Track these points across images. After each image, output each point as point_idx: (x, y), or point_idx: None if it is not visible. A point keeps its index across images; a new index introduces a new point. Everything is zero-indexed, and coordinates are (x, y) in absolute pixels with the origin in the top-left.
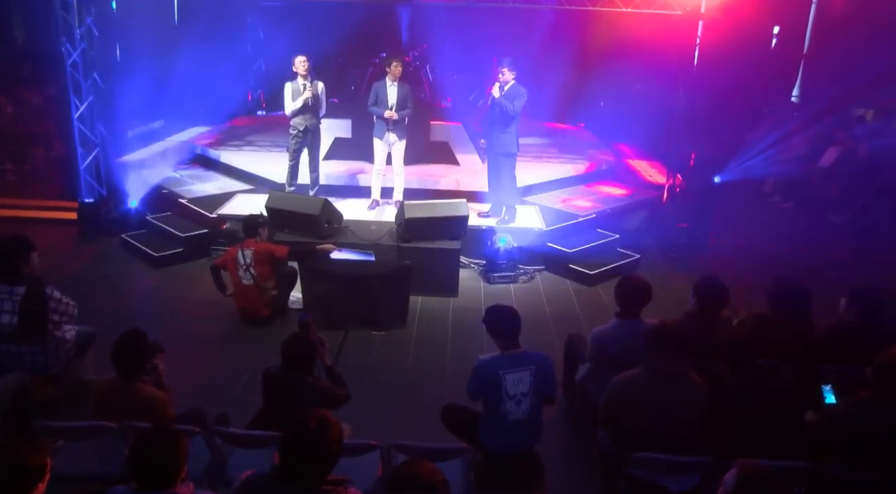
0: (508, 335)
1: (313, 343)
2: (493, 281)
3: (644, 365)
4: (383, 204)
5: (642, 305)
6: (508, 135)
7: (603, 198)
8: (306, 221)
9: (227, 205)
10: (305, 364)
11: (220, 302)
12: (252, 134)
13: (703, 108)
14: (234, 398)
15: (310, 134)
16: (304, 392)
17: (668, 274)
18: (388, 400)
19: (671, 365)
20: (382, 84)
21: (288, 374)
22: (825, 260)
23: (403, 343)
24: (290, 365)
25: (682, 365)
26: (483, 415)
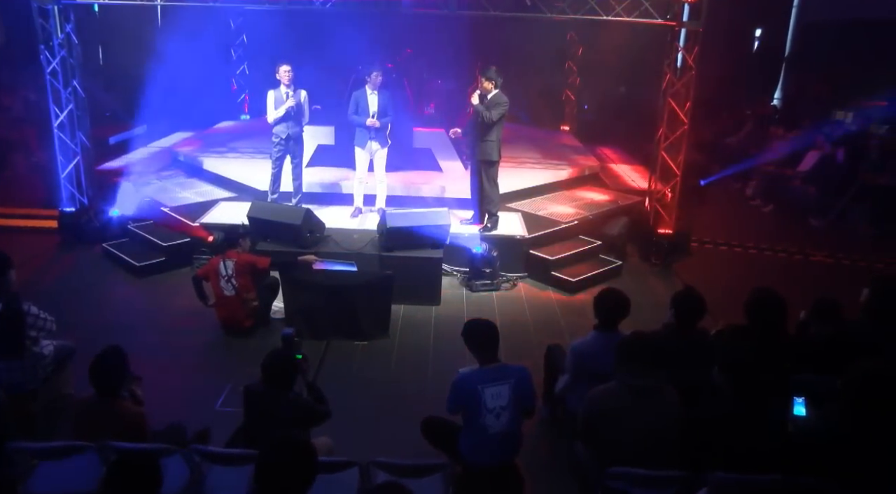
0: (487, 349)
1: (294, 358)
2: (475, 289)
3: (617, 377)
4: (366, 211)
5: (621, 318)
6: (489, 144)
7: (585, 204)
8: (288, 231)
9: (210, 214)
10: (286, 380)
11: (202, 313)
12: (235, 140)
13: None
14: (215, 411)
15: (292, 142)
16: (284, 409)
17: (650, 280)
18: (369, 411)
19: (644, 378)
20: (363, 92)
21: (268, 391)
22: (804, 265)
23: (385, 353)
24: (270, 381)
25: (655, 378)
26: (463, 429)
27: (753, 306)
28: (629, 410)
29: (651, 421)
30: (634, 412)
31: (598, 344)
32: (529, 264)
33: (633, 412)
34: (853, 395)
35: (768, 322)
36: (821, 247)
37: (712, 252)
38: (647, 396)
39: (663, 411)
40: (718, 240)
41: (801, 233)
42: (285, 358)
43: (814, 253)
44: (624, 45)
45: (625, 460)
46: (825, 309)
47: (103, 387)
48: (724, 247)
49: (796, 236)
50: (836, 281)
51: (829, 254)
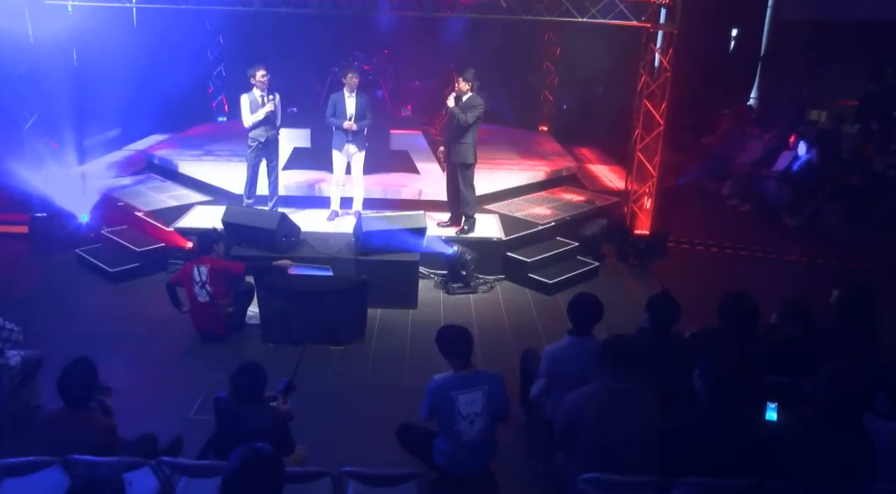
0: (460, 355)
1: (264, 371)
2: (452, 291)
3: (598, 380)
4: (343, 214)
5: (594, 323)
6: (464, 146)
7: (563, 205)
8: (263, 236)
9: (185, 218)
10: (255, 393)
11: (177, 320)
12: (211, 143)
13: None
14: (189, 418)
15: (268, 145)
16: (256, 422)
17: (627, 281)
18: (345, 417)
19: (621, 381)
20: (340, 95)
21: (238, 404)
22: (780, 264)
23: (361, 357)
24: (239, 394)
25: (632, 381)
26: (437, 436)
27: (727, 310)
28: (608, 413)
29: (629, 425)
30: (613, 415)
31: (572, 349)
32: (507, 266)
33: (611, 415)
34: (820, 398)
35: (741, 325)
36: (796, 247)
37: (689, 252)
38: (626, 399)
39: (642, 415)
40: (695, 240)
41: (776, 232)
42: (254, 370)
43: (789, 253)
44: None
45: (601, 463)
46: (795, 311)
47: (71, 399)
48: (700, 247)
49: (772, 235)
50: (810, 281)
51: (804, 254)
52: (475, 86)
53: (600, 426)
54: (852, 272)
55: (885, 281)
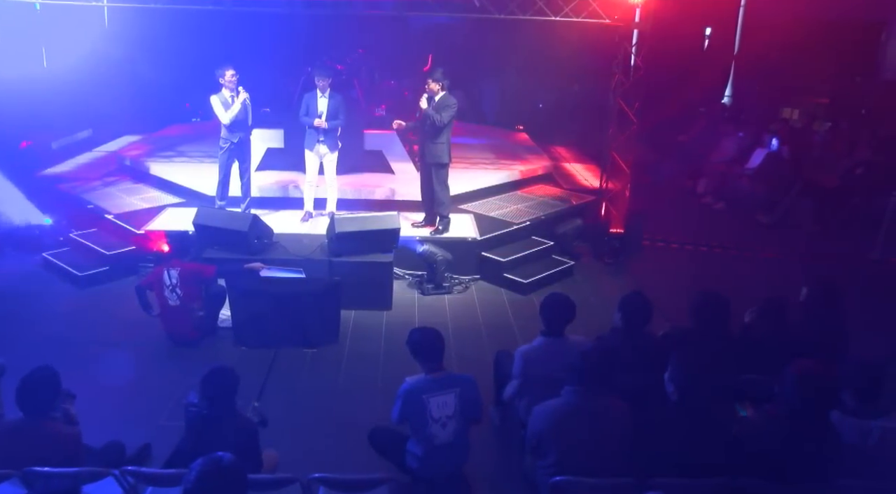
0: (432, 358)
1: (236, 376)
2: (427, 292)
3: (567, 391)
4: (317, 215)
5: (566, 323)
6: (439, 146)
7: (538, 205)
8: (235, 238)
9: (157, 220)
10: (226, 400)
11: (147, 324)
12: (184, 143)
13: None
14: (159, 425)
15: (240, 146)
16: (226, 431)
17: (602, 280)
18: (318, 421)
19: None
20: (313, 95)
21: (208, 411)
22: (753, 262)
23: (335, 360)
24: (210, 401)
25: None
26: (409, 439)
27: (698, 309)
28: (580, 425)
29: (602, 435)
30: (585, 427)
31: (545, 350)
32: (482, 266)
33: (583, 427)
34: (788, 397)
35: (713, 324)
36: (769, 244)
37: (664, 250)
38: (598, 411)
39: (614, 424)
40: (670, 237)
41: (750, 229)
42: (224, 374)
43: (762, 250)
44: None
45: (575, 471)
46: (770, 310)
47: (31, 408)
48: (675, 245)
49: (746, 233)
50: (783, 278)
51: (777, 251)
52: (445, 85)
53: (575, 436)
54: (823, 269)
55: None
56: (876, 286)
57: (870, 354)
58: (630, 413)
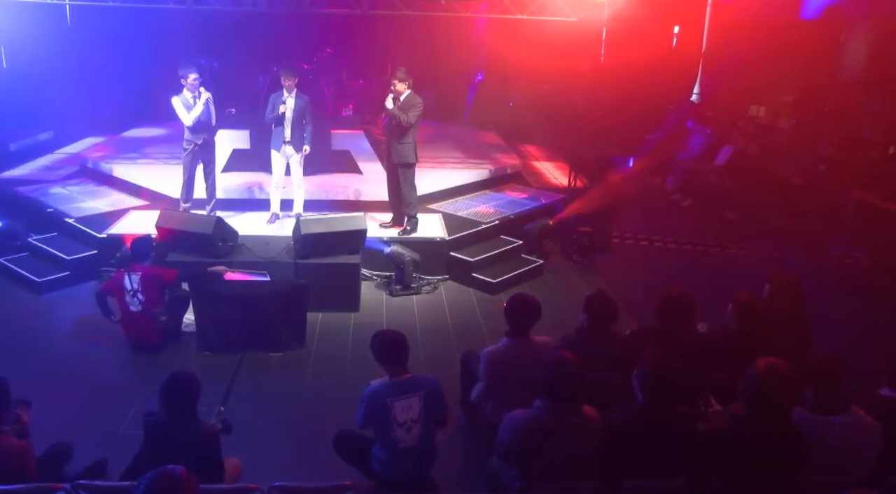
0: (395, 361)
1: (197, 382)
2: (395, 293)
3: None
4: (284, 217)
5: (531, 324)
6: (405, 146)
7: (507, 203)
8: (199, 241)
9: (119, 224)
10: (186, 406)
11: (108, 330)
12: (149, 145)
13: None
14: (119, 434)
15: (204, 147)
16: (186, 441)
17: (572, 278)
18: (283, 426)
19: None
20: (279, 95)
21: (167, 419)
22: (721, 258)
23: (301, 364)
24: (169, 408)
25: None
26: (375, 444)
27: (663, 308)
28: (550, 441)
29: (573, 451)
30: (556, 443)
31: (510, 351)
32: (450, 266)
33: (554, 443)
34: (751, 395)
35: (678, 323)
36: (736, 240)
37: (633, 247)
38: (569, 427)
39: (586, 440)
40: (639, 235)
41: (718, 226)
42: (185, 380)
43: (729, 247)
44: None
45: (546, 478)
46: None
47: None
48: (644, 243)
49: (714, 229)
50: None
51: (744, 247)
52: (410, 84)
53: (541, 453)
54: (787, 265)
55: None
56: (836, 281)
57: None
58: (602, 424)
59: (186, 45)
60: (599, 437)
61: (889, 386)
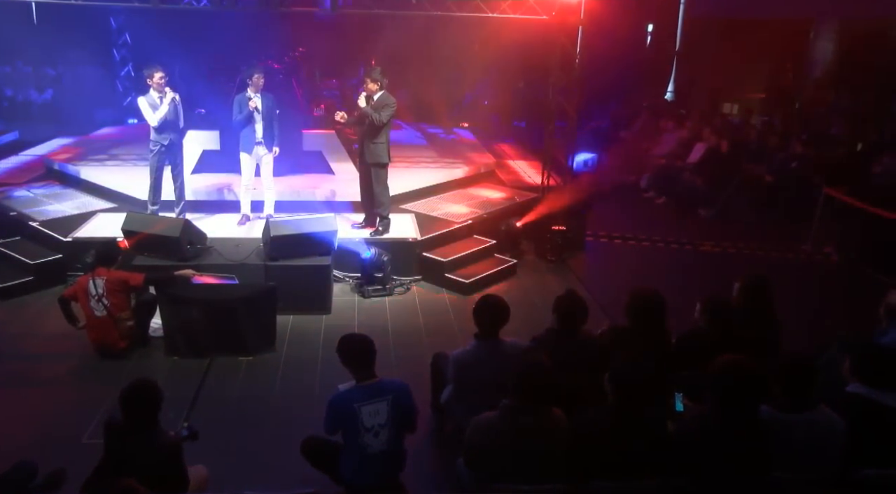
0: (362, 365)
1: (158, 390)
2: (367, 294)
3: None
4: (254, 218)
5: (500, 326)
6: (378, 146)
7: (480, 203)
8: (167, 244)
9: (86, 227)
10: (148, 415)
11: (74, 336)
12: (117, 146)
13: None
14: (81, 445)
15: (171, 149)
16: (147, 452)
17: (545, 277)
18: (252, 432)
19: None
20: (244, 96)
21: (128, 429)
22: (694, 255)
23: (271, 367)
24: (129, 417)
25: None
26: (342, 449)
27: (633, 308)
28: (517, 441)
29: (540, 450)
30: (522, 443)
31: (478, 354)
32: (423, 267)
33: (521, 443)
34: (718, 394)
35: (649, 323)
36: (709, 237)
37: (607, 245)
38: (536, 427)
39: (553, 440)
40: (613, 233)
41: (691, 223)
42: (145, 388)
43: (702, 244)
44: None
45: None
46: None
47: None
48: (618, 241)
49: (687, 227)
50: (722, 271)
51: (716, 244)
52: (384, 83)
53: (508, 454)
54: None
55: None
56: (807, 277)
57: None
58: (569, 424)
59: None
60: (566, 438)
61: (856, 382)
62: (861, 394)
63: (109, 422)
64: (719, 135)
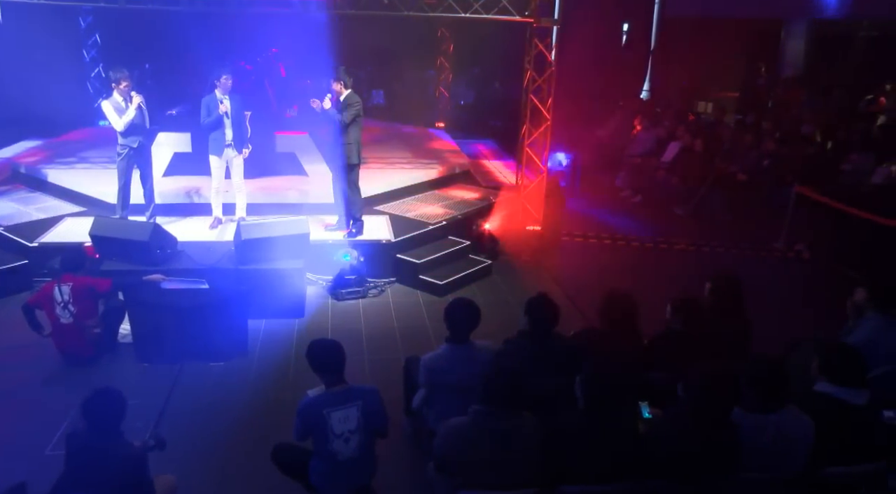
0: (331, 371)
1: (122, 398)
2: (341, 297)
3: (473, 412)
4: (227, 221)
5: (471, 329)
6: (347, 147)
7: (455, 204)
8: (136, 248)
9: (53, 232)
10: (111, 425)
11: (39, 344)
12: (87, 149)
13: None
14: (44, 457)
15: (139, 152)
16: (111, 463)
17: (520, 278)
18: (222, 439)
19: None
20: (213, 97)
21: (90, 440)
22: (669, 254)
23: (243, 373)
24: (91, 428)
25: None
26: (313, 456)
27: (605, 309)
28: (487, 446)
29: (511, 455)
30: (492, 448)
31: (449, 357)
32: (397, 268)
33: (490, 448)
34: (691, 399)
35: (621, 324)
36: (684, 236)
37: (583, 244)
38: (506, 431)
39: (524, 444)
40: (589, 232)
41: (666, 222)
42: (108, 397)
43: (678, 242)
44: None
45: (485, 485)
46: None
47: None
48: (594, 240)
49: (662, 225)
50: (696, 269)
51: (691, 243)
52: (349, 83)
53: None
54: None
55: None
56: (779, 274)
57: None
58: (540, 427)
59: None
60: (538, 442)
61: (824, 381)
62: (828, 393)
63: (72, 434)
64: (693, 133)
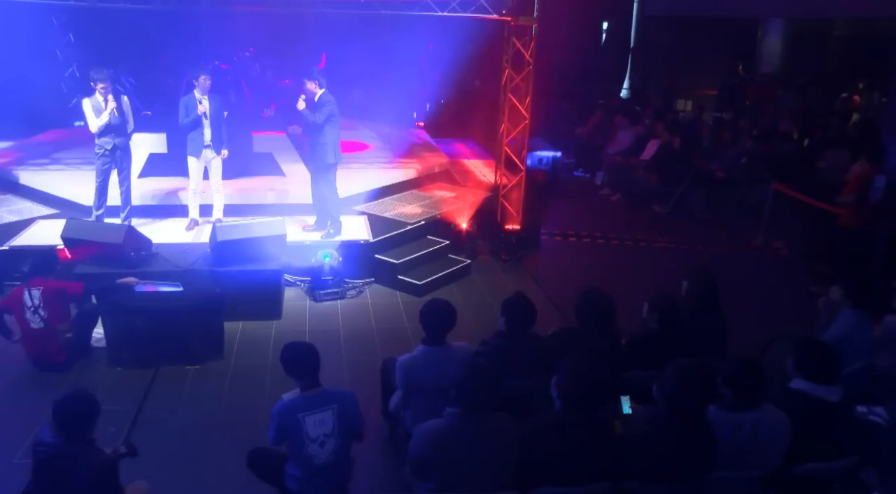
0: (305, 374)
1: (94, 402)
2: (319, 298)
3: (449, 414)
4: (203, 223)
5: (447, 330)
6: (323, 147)
7: (434, 203)
8: (110, 251)
9: (24, 235)
10: (80, 431)
11: (8, 350)
12: (61, 150)
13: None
14: (11, 465)
15: (118, 152)
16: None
17: (500, 277)
18: (197, 444)
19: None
20: (191, 98)
21: (57, 446)
22: (648, 252)
23: (219, 376)
24: (60, 434)
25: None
26: (288, 460)
27: (582, 308)
28: (462, 448)
29: (487, 456)
30: (468, 450)
31: (425, 359)
32: (376, 268)
33: (466, 450)
34: (666, 398)
35: (597, 324)
36: (663, 234)
37: (562, 244)
38: (481, 433)
39: (500, 445)
40: (568, 231)
41: (646, 220)
42: (78, 401)
43: (657, 240)
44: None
45: (461, 488)
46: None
47: None
48: (573, 239)
49: (642, 223)
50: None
51: (671, 240)
52: (322, 83)
53: (453, 462)
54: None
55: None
56: (758, 271)
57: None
58: (517, 428)
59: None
60: (514, 444)
61: (799, 378)
62: (803, 390)
63: (38, 443)
64: (672, 131)
